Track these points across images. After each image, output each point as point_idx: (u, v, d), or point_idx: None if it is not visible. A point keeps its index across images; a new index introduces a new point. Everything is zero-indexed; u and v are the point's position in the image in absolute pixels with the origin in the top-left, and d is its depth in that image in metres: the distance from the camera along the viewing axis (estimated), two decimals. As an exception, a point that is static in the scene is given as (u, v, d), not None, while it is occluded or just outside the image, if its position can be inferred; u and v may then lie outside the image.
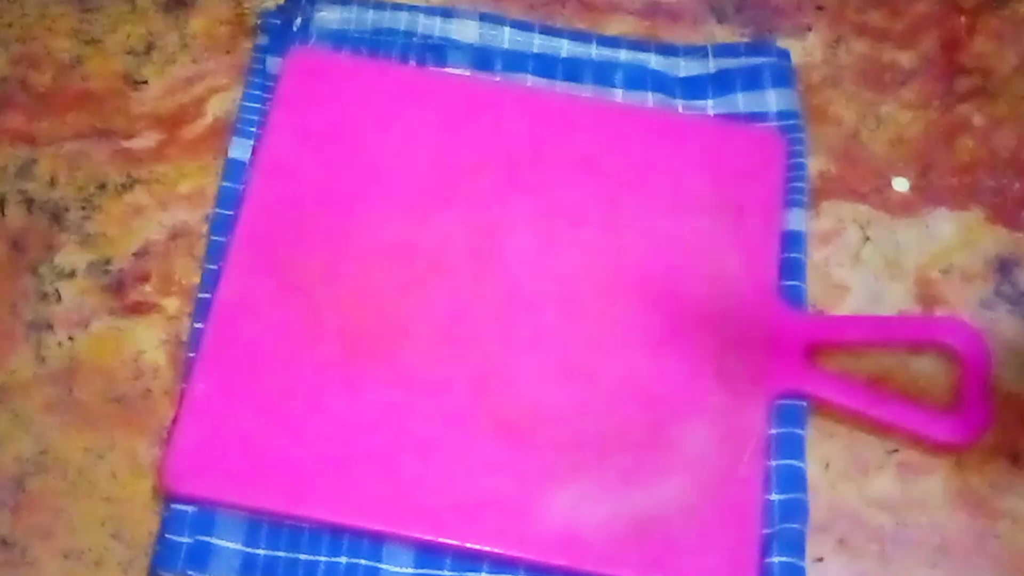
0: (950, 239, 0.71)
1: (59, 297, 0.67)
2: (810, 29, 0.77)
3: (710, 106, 0.73)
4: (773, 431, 0.63)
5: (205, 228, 0.69)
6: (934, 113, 0.75)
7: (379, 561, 0.60)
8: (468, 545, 0.60)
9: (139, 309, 0.67)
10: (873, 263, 0.70)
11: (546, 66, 0.74)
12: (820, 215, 0.71)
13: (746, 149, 0.70)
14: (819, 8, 0.78)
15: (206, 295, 0.66)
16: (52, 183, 0.70)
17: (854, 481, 0.64)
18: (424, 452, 0.62)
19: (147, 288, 0.67)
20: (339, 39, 0.74)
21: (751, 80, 0.73)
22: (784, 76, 0.74)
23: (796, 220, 0.69)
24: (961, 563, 0.62)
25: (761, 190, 0.69)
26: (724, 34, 0.77)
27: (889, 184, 0.72)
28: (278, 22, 0.74)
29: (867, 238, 0.71)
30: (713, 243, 0.68)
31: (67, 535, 0.61)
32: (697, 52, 0.75)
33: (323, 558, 0.60)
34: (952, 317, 0.68)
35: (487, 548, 0.60)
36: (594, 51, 0.75)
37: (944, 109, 0.75)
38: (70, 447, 0.63)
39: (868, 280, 0.70)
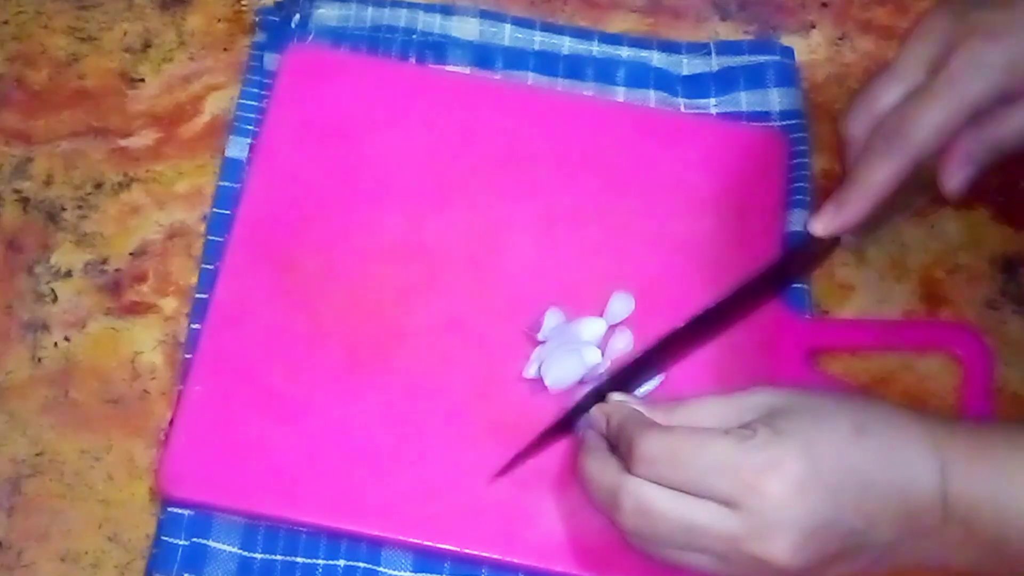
0: (956, 238, 0.70)
1: (55, 297, 0.66)
2: (814, 26, 0.77)
3: (713, 104, 0.73)
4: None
5: (203, 228, 0.68)
6: (939, 111, 0.74)
7: (377, 564, 0.60)
8: (467, 550, 0.59)
9: (136, 309, 0.66)
10: (878, 263, 0.70)
11: (547, 64, 0.73)
12: (824, 215, 0.70)
13: (748, 149, 0.70)
14: (823, 5, 0.77)
15: (204, 295, 0.65)
16: (48, 182, 0.69)
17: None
18: (423, 455, 0.61)
19: (144, 288, 0.67)
20: (338, 36, 0.73)
21: (754, 78, 0.73)
22: (788, 74, 0.73)
23: (799, 221, 0.68)
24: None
25: (763, 191, 0.69)
26: (727, 31, 0.76)
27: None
28: (276, 19, 0.74)
29: (872, 237, 0.70)
30: (714, 244, 0.67)
31: (63, 538, 0.61)
32: (700, 50, 0.74)
33: (321, 561, 0.60)
34: (953, 322, 0.68)
35: (486, 553, 0.59)
36: (596, 48, 0.74)
37: (949, 107, 0.74)
38: (66, 449, 0.63)
39: (873, 280, 0.69)
